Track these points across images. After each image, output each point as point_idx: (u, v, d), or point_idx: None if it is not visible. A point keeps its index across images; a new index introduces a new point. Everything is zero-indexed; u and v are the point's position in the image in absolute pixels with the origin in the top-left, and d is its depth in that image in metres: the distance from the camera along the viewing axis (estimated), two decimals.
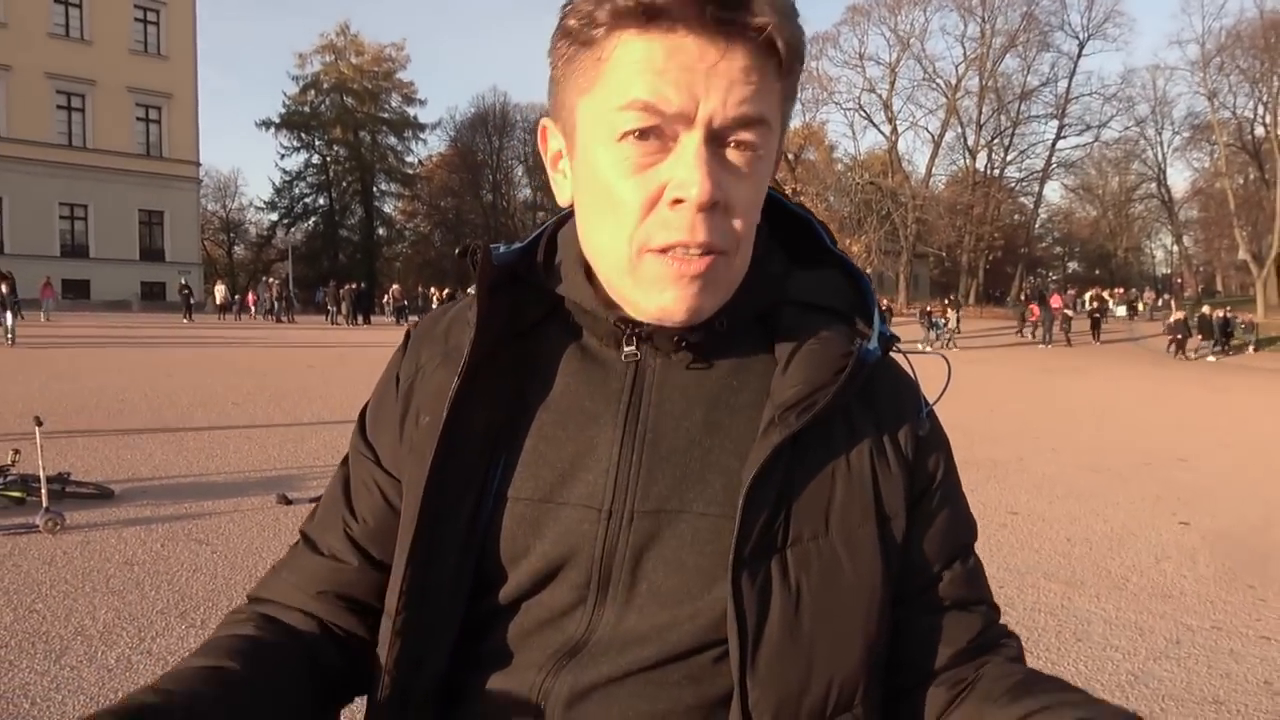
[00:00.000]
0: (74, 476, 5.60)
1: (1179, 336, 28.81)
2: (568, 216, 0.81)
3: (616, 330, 0.74)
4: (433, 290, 34.52)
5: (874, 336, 0.76)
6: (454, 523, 0.73)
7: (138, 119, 39.45)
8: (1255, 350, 30.23)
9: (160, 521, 5.10)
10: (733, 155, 0.68)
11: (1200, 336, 29.51)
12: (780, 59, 0.68)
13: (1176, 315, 31.00)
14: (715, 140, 0.67)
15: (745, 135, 0.67)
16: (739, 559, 0.68)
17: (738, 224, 0.69)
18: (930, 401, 0.81)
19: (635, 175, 0.67)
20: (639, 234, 0.68)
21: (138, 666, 3.23)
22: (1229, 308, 33.38)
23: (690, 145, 0.66)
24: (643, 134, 0.66)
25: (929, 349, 27.29)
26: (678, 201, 0.66)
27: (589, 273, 0.76)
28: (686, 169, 0.65)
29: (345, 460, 0.86)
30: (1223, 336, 29.41)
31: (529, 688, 0.71)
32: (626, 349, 0.74)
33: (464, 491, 0.73)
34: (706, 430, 0.73)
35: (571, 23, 0.68)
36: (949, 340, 29.70)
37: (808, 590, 0.70)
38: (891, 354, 0.80)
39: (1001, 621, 0.82)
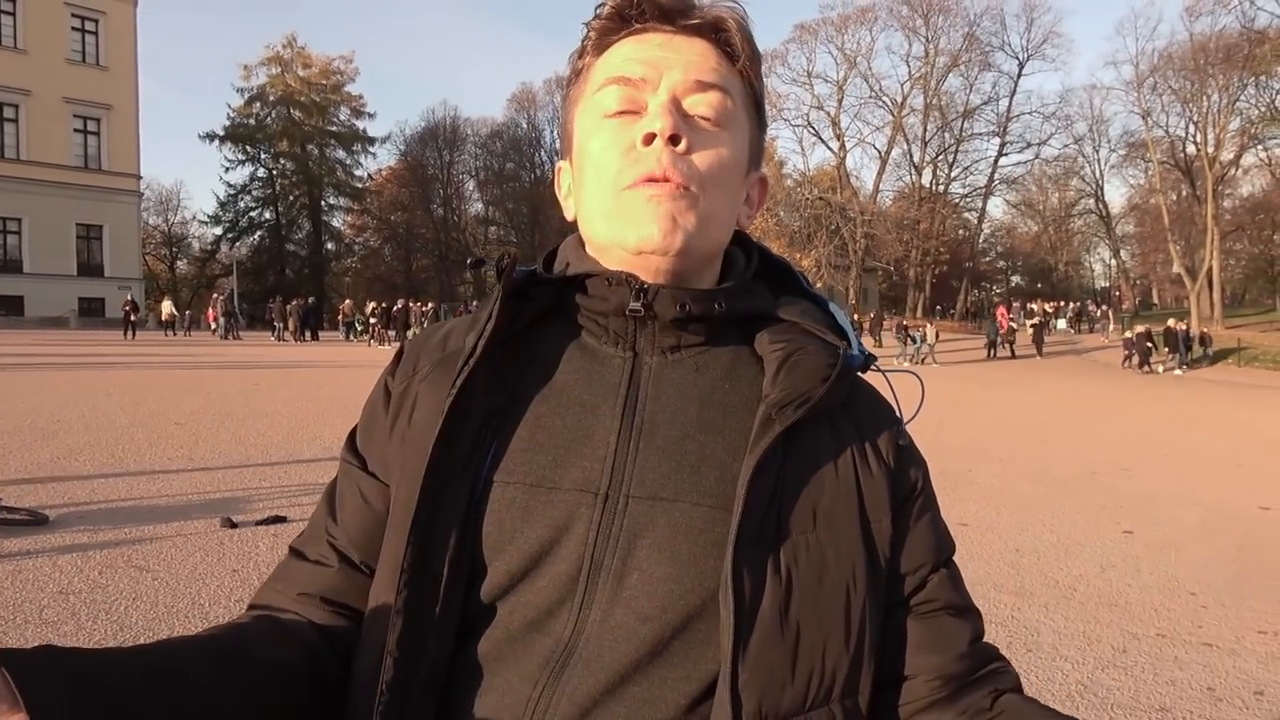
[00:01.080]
0: (5, 502, 5.40)
1: (1145, 349, 28.63)
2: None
3: (621, 301, 0.77)
4: (372, 304, 33.91)
5: (854, 344, 0.81)
6: (451, 507, 0.73)
7: (75, 130, 38.47)
8: (1211, 364, 30.52)
9: (98, 548, 4.92)
10: (697, 120, 0.78)
11: (1167, 350, 29.50)
12: (734, 52, 0.80)
13: (1138, 329, 30.80)
14: (678, 106, 0.77)
15: (705, 100, 0.78)
16: (738, 547, 0.70)
17: (701, 164, 0.76)
18: (905, 419, 0.85)
19: (615, 137, 0.78)
20: (618, 177, 0.76)
21: None
22: (1184, 320, 33.77)
23: (656, 101, 0.77)
24: (621, 113, 0.77)
25: (906, 363, 27.05)
26: (647, 141, 0.75)
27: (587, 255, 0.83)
28: (652, 115, 0.76)
29: (333, 482, 0.87)
30: (1185, 350, 29.46)
31: (523, 702, 0.69)
32: (632, 304, 0.77)
33: (459, 478, 0.74)
34: (700, 426, 0.76)
35: (574, 63, 0.83)
36: (926, 356, 28.96)
37: (797, 581, 0.72)
38: (870, 372, 0.85)
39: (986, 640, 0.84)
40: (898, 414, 0.85)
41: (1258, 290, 59.10)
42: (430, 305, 33.12)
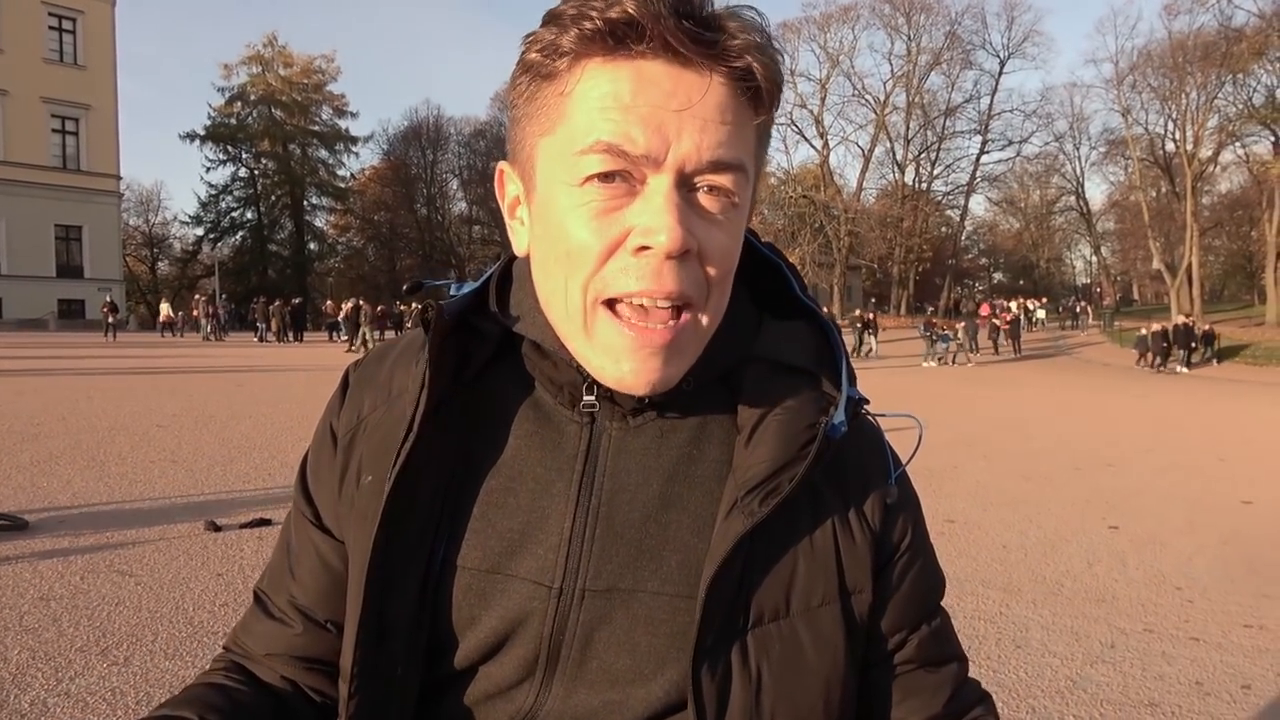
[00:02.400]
0: None
1: (1162, 347, 27.30)
2: (515, 257, 0.77)
3: (574, 380, 0.69)
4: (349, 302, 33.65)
5: (840, 405, 0.71)
6: (403, 595, 0.69)
7: (54, 130, 38.09)
8: (1218, 362, 29.58)
9: (79, 553, 4.86)
10: (706, 202, 0.63)
11: (1177, 347, 28.32)
12: (760, 94, 0.63)
13: (1155, 326, 29.35)
14: (686, 185, 0.62)
15: (719, 181, 0.62)
16: (699, 650, 0.66)
17: (712, 272, 0.63)
18: (901, 463, 0.78)
19: (597, 219, 0.61)
20: (595, 282, 0.62)
21: (54, 710, 3.05)
22: (1190, 317, 32.73)
23: (659, 189, 0.61)
24: (606, 177, 0.61)
25: (933, 364, 25.71)
26: (642, 249, 0.61)
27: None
28: (654, 214, 0.60)
29: (289, 516, 0.83)
30: (1189, 349, 28.31)
31: None
32: (586, 399, 0.69)
33: (410, 562, 0.69)
34: (663, 504, 0.70)
35: (533, 56, 0.63)
36: (956, 355, 26.81)
37: (768, 673, 0.68)
38: (862, 414, 0.77)
39: (970, 676, 0.81)
40: (890, 467, 0.76)
41: (1236, 286, 59.76)
42: (380, 307, 32.27)
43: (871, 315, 30.98)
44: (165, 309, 33.70)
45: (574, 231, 0.62)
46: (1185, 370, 27.60)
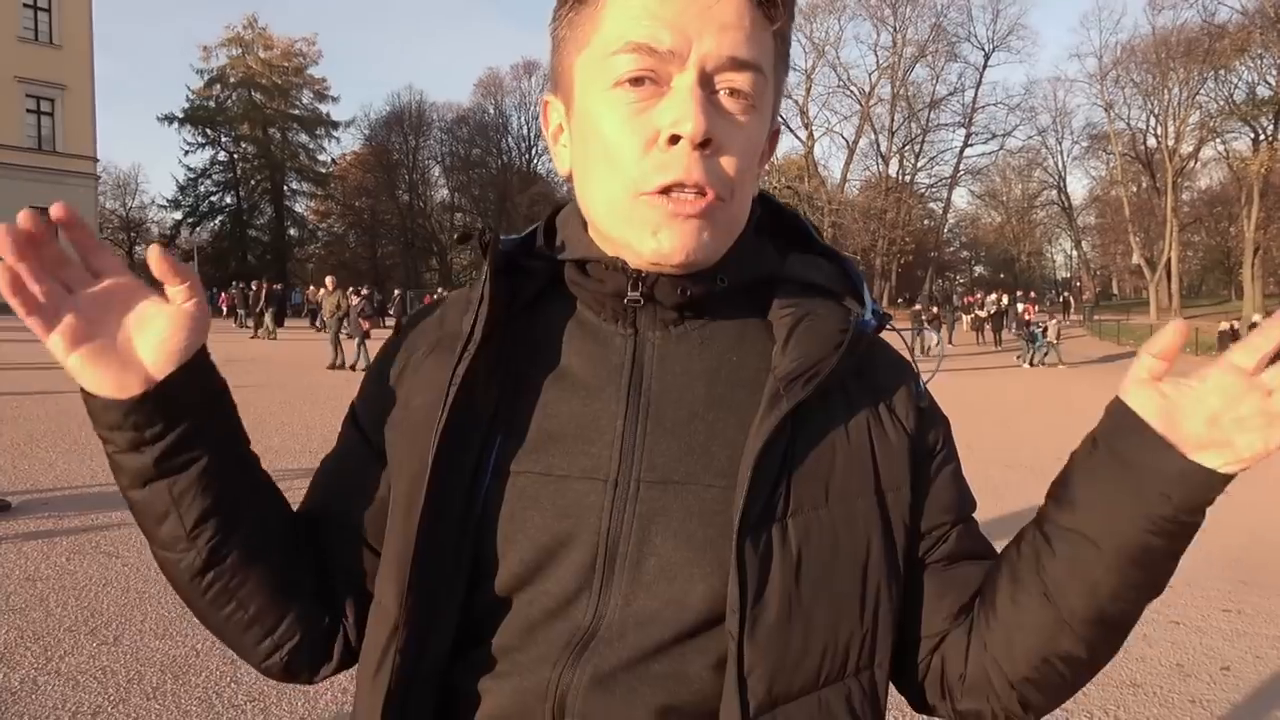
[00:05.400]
0: None
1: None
2: (562, 206, 0.81)
3: (618, 286, 0.73)
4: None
5: (867, 310, 0.76)
6: (452, 504, 0.70)
7: (28, 110, 37.46)
8: None
9: (64, 534, 4.82)
10: (726, 101, 0.69)
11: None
12: (774, 10, 0.70)
13: (1223, 325, 27.74)
14: (708, 84, 0.68)
15: (738, 79, 0.69)
16: (743, 527, 0.68)
17: (731, 167, 0.69)
18: (926, 375, 0.82)
19: (631, 120, 0.68)
20: (636, 177, 0.68)
21: (45, 688, 3.04)
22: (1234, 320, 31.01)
23: (684, 85, 0.67)
24: (636, 80, 0.67)
25: (1026, 365, 23.95)
26: (673, 141, 0.67)
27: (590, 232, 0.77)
28: (680, 107, 0.66)
29: (332, 451, 0.85)
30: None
31: (544, 683, 0.68)
32: (630, 294, 0.73)
33: (461, 471, 0.71)
34: (708, 403, 0.73)
35: None
36: (1048, 353, 24.63)
37: (807, 559, 0.70)
38: (885, 332, 0.81)
39: None
40: (915, 371, 0.81)
41: (1214, 281, 60.49)
42: (365, 290, 31.59)
43: (935, 310, 28.51)
44: None
45: (610, 133, 0.69)
46: None
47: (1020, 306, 35.58)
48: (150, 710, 2.94)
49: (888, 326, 0.80)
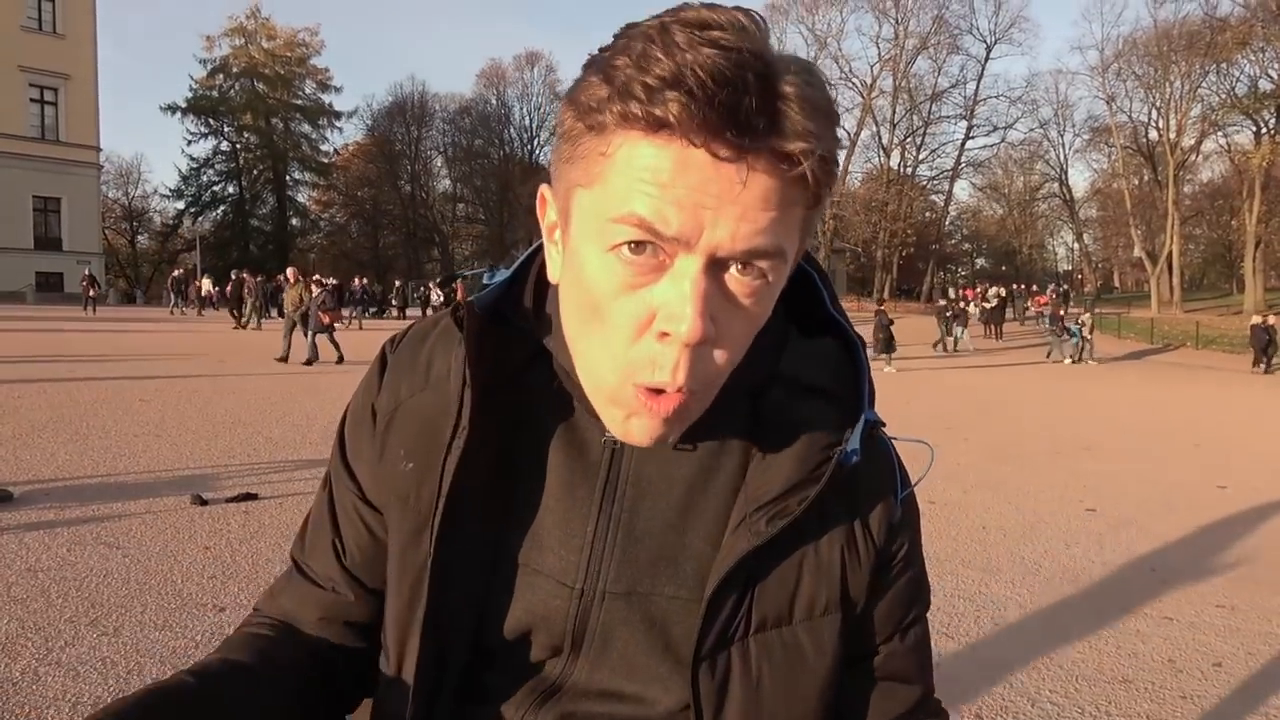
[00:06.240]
0: None
1: (1265, 342, 24.08)
2: None
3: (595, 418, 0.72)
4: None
5: (857, 430, 0.72)
6: (463, 585, 0.73)
7: (32, 100, 37.50)
8: None
9: (65, 525, 4.85)
10: (735, 285, 0.61)
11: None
12: (809, 189, 0.59)
13: (1255, 319, 26.09)
14: (717, 267, 0.60)
15: (752, 270, 0.60)
16: (698, 654, 0.70)
17: (722, 360, 0.63)
18: (910, 483, 0.79)
19: (625, 294, 0.61)
20: (627, 366, 0.62)
21: (45, 678, 3.07)
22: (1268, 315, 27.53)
23: (687, 273, 0.59)
24: (637, 245, 0.59)
25: (1067, 360, 23.58)
26: (665, 334, 0.60)
27: None
28: (679, 300, 0.58)
29: (327, 480, 0.84)
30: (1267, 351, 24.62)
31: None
32: (605, 435, 0.73)
33: (467, 553, 0.73)
34: (681, 513, 0.73)
35: (582, 99, 0.60)
36: (1084, 351, 24.00)
37: (768, 678, 0.71)
38: (877, 435, 0.78)
39: (935, 697, 0.83)
40: (898, 484, 0.78)
41: (1215, 274, 60.40)
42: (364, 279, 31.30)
43: (962, 305, 28.15)
44: (206, 283, 32.20)
45: (604, 304, 0.62)
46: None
47: (1026, 300, 35.54)
48: None
49: (878, 433, 0.78)
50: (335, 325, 15.13)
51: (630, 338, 0.61)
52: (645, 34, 0.56)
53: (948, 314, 26.08)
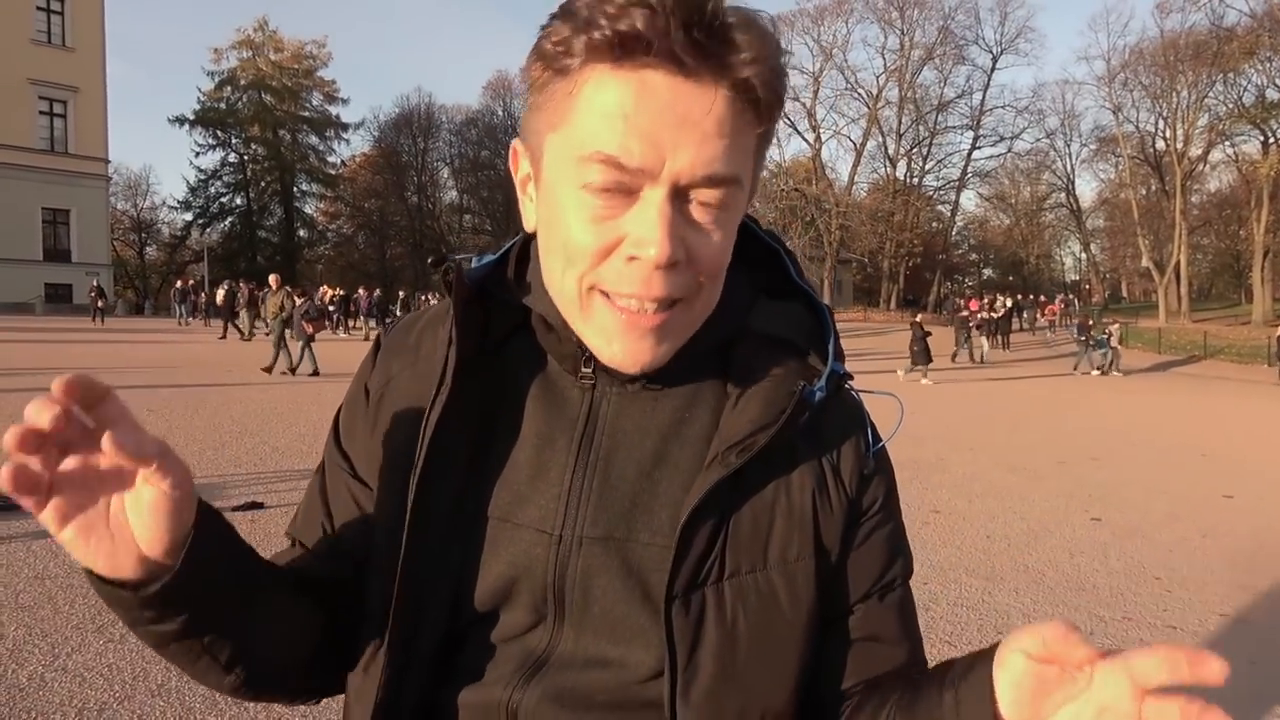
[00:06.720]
0: None
1: None
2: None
3: (574, 353, 0.75)
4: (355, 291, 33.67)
5: (824, 376, 0.75)
6: (437, 541, 0.74)
7: (41, 112, 37.73)
8: None
9: None
10: (698, 213, 0.66)
11: None
12: (760, 106, 0.65)
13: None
14: (680, 196, 0.65)
15: (713, 194, 0.65)
16: (670, 592, 0.70)
17: (701, 274, 0.68)
18: (882, 438, 0.81)
19: (594, 224, 0.65)
20: (590, 275, 0.67)
21: (52, 684, 3.10)
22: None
23: (652, 202, 0.64)
24: (605, 188, 0.64)
25: (1094, 372, 23.33)
26: (633, 258, 0.65)
27: None
28: (647, 226, 0.63)
29: (322, 464, 0.87)
30: None
31: (498, 704, 0.73)
32: (584, 370, 0.75)
33: (444, 511, 0.74)
34: (655, 461, 0.74)
35: (547, 46, 0.65)
36: (1112, 363, 23.76)
37: (744, 621, 0.72)
38: (846, 389, 0.80)
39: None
40: (869, 437, 0.79)
41: (1224, 284, 60.23)
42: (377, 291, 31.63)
43: (987, 315, 27.03)
44: (220, 293, 30.81)
45: (573, 230, 0.66)
46: None
47: (1035, 310, 35.20)
48: (155, 707, 2.99)
49: (847, 386, 0.80)
50: (315, 336, 14.82)
51: (595, 258, 0.66)
52: None
53: (969, 324, 25.60)
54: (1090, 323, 26.68)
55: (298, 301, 14.88)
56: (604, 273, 0.66)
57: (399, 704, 0.74)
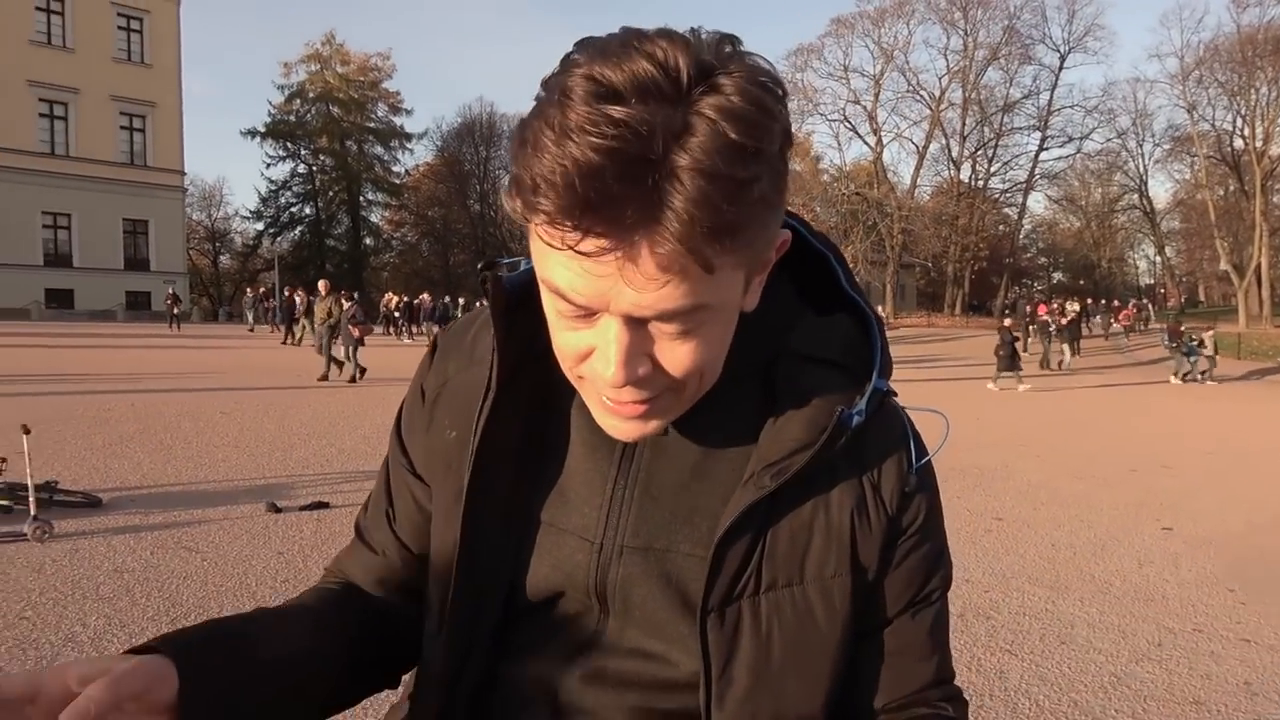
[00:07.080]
0: (61, 485, 5.59)
1: None
2: None
3: None
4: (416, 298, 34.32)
5: (865, 398, 0.74)
6: (487, 540, 0.77)
7: (121, 127, 39.36)
8: None
9: (149, 530, 5.09)
10: (662, 332, 0.62)
11: None
12: (720, 251, 0.57)
13: None
14: (638, 321, 0.61)
15: (670, 327, 0.61)
16: (706, 605, 0.72)
17: (677, 371, 0.64)
18: (928, 452, 0.80)
19: (568, 331, 0.64)
20: (574, 369, 0.67)
21: None
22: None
23: (608, 327, 0.61)
24: (565, 303, 0.62)
25: (1172, 379, 22.64)
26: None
27: None
28: (600, 352, 0.63)
29: (386, 459, 0.91)
30: None
31: (545, 679, 0.78)
32: None
33: (496, 512, 0.77)
34: (695, 475, 0.76)
35: (511, 163, 0.61)
36: (1206, 373, 23.01)
37: (779, 635, 0.73)
38: (890, 403, 0.79)
39: (954, 683, 0.83)
40: (911, 453, 0.78)
41: None
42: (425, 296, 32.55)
43: (1069, 317, 25.77)
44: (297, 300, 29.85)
45: (552, 327, 0.66)
46: None
47: (1109, 315, 34.02)
48: None
49: (890, 403, 0.79)
50: (364, 340, 14.77)
51: (572, 359, 0.66)
52: (554, 97, 0.56)
53: (1050, 329, 24.69)
54: (1181, 329, 25.45)
55: (345, 305, 14.75)
56: (585, 370, 0.66)
57: (461, 677, 0.78)
